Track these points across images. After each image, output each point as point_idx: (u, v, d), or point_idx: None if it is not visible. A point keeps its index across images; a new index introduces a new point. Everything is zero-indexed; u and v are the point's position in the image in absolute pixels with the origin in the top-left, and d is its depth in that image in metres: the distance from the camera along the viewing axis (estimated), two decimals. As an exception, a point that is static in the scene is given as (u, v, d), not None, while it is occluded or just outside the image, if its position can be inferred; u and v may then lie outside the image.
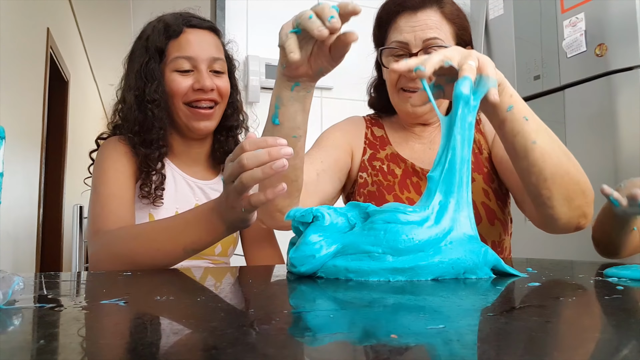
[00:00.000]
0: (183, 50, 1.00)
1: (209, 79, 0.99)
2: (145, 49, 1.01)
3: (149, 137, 0.98)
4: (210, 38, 1.04)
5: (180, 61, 0.99)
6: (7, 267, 1.93)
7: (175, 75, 1.00)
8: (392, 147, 1.03)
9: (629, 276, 0.51)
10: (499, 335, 0.30)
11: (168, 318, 0.36)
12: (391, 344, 0.27)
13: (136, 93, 0.99)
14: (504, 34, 2.22)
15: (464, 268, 0.54)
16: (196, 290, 0.55)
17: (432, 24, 0.91)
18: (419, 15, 0.92)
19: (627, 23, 1.70)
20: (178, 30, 1.00)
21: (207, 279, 0.63)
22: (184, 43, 1.00)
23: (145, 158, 0.97)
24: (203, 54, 1.00)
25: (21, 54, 2.91)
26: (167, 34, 1.00)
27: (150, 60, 1.00)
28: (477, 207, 0.93)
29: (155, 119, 0.99)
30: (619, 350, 0.26)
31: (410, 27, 0.92)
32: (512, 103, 0.70)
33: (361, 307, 0.40)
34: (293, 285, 0.53)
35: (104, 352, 0.27)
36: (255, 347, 0.27)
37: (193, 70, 1.00)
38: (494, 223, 0.94)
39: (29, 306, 0.40)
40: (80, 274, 0.76)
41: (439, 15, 0.93)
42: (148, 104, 0.98)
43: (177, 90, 0.99)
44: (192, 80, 0.99)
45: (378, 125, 1.07)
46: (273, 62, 2.41)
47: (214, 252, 1.01)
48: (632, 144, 1.68)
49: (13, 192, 2.70)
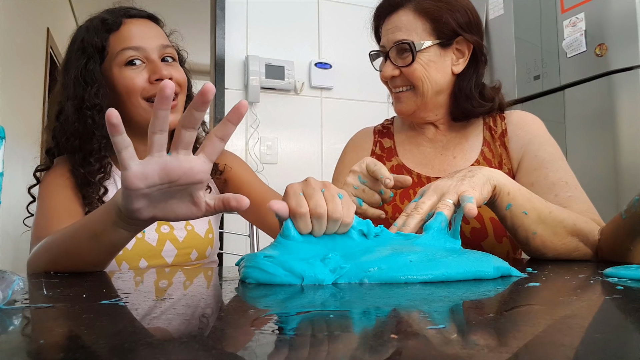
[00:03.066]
0: (128, 41, 0.90)
1: (165, 68, 0.90)
2: (82, 51, 0.91)
3: (89, 147, 0.90)
4: (153, 26, 0.95)
5: (127, 53, 0.89)
6: (7, 267, 1.93)
7: (126, 70, 0.89)
8: (398, 158, 1.04)
9: (629, 276, 0.51)
10: (499, 335, 0.30)
11: (168, 318, 0.36)
12: (391, 344, 0.27)
13: (74, 102, 0.90)
14: (504, 34, 2.22)
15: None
16: (196, 290, 0.55)
17: (402, 24, 0.94)
18: (392, 19, 0.97)
19: (627, 23, 1.70)
20: (118, 22, 0.91)
21: (208, 279, 0.63)
22: (127, 34, 0.91)
23: (86, 176, 0.89)
24: (151, 43, 0.91)
25: (21, 54, 2.91)
26: (105, 29, 0.91)
27: (89, 61, 0.90)
28: (484, 222, 0.91)
29: (96, 126, 0.90)
30: (619, 350, 0.26)
31: (385, 30, 0.98)
32: (510, 201, 0.72)
33: (361, 307, 0.40)
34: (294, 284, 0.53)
35: (104, 352, 0.27)
36: (255, 347, 0.27)
37: (144, 62, 0.90)
38: (501, 240, 0.91)
39: (29, 306, 0.40)
40: (80, 274, 0.76)
41: (410, 13, 0.94)
42: (88, 110, 0.89)
43: (133, 87, 0.89)
44: (146, 73, 0.90)
45: (388, 136, 1.09)
46: (273, 62, 2.41)
47: (190, 258, 0.97)
48: (632, 144, 1.68)
49: (13, 192, 2.70)
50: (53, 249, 0.71)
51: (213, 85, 0.50)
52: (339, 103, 2.54)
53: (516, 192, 0.73)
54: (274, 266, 0.52)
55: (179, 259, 0.96)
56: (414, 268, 0.52)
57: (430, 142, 1.03)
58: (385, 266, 0.51)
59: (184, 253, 0.96)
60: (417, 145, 1.04)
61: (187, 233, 0.97)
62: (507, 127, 0.98)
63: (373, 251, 0.55)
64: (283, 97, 2.47)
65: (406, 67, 0.94)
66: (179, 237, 0.96)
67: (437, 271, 0.52)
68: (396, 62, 0.95)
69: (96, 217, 0.66)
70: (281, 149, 2.45)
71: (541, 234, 0.74)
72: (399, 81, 0.96)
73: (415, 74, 0.93)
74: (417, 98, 0.96)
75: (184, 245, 0.96)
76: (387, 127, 1.11)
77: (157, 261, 0.93)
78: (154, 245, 0.93)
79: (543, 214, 0.74)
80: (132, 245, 0.90)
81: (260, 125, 2.41)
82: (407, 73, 0.94)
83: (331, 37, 2.58)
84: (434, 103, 0.97)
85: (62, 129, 0.92)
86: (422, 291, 0.46)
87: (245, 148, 2.39)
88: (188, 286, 0.56)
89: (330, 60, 2.54)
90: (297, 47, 2.51)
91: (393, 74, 0.96)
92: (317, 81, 2.48)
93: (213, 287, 0.56)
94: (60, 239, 0.71)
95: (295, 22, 2.53)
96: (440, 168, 1.00)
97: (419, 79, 0.94)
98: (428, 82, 0.94)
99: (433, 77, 0.94)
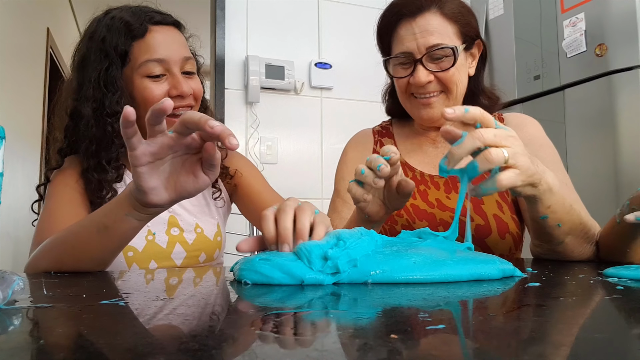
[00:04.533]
0: (153, 52, 0.88)
1: (186, 84, 0.89)
2: (104, 53, 0.88)
3: (107, 156, 0.89)
4: (177, 35, 0.93)
5: (151, 65, 0.87)
6: (7, 267, 1.93)
7: (147, 82, 0.88)
8: (400, 156, 1.03)
9: (629, 276, 0.51)
10: (499, 335, 0.30)
11: (168, 318, 0.36)
12: (391, 344, 0.27)
13: (94, 105, 0.88)
14: (504, 34, 2.22)
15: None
16: (196, 290, 0.55)
17: (433, 28, 0.90)
18: (418, 21, 0.91)
19: (627, 23, 1.70)
20: (143, 29, 0.88)
21: (208, 279, 0.63)
22: (153, 43, 0.88)
23: (99, 183, 0.88)
24: (175, 55, 0.89)
25: (21, 54, 2.91)
26: (129, 35, 0.88)
27: (111, 66, 0.88)
28: (488, 219, 0.92)
29: (116, 134, 0.88)
30: (619, 350, 0.26)
31: (411, 34, 0.91)
32: (547, 214, 0.69)
33: (361, 307, 0.40)
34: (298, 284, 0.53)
35: (104, 352, 0.27)
36: (255, 347, 0.27)
37: (165, 74, 0.89)
38: (504, 237, 0.92)
39: (29, 306, 0.40)
40: (80, 274, 0.76)
41: (439, 17, 0.91)
42: (108, 117, 0.87)
43: (153, 100, 0.87)
44: (166, 86, 0.89)
45: (388, 136, 1.08)
46: (273, 62, 2.41)
47: (199, 260, 0.98)
48: (632, 144, 1.68)
49: (13, 192, 2.70)
50: (57, 248, 0.71)
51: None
52: (339, 103, 2.54)
53: (558, 206, 0.69)
54: (272, 269, 0.52)
55: (188, 261, 0.96)
56: (417, 270, 0.51)
57: (433, 143, 1.03)
58: (388, 268, 0.51)
59: (193, 256, 0.97)
60: (419, 145, 1.04)
61: (196, 236, 0.98)
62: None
63: (378, 253, 0.55)
64: (283, 97, 2.47)
65: (443, 72, 0.91)
66: (188, 240, 0.96)
67: (440, 273, 0.51)
68: (429, 67, 0.91)
69: (106, 210, 0.67)
70: (281, 149, 2.45)
71: (568, 243, 0.74)
72: (432, 87, 0.93)
73: (453, 78, 0.92)
74: (450, 102, 0.94)
75: (193, 247, 0.97)
76: (385, 128, 1.11)
77: (167, 263, 0.94)
78: (164, 248, 0.93)
79: (574, 225, 0.73)
80: (143, 247, 0.91)
81: (260, 125, 2.41)
82: (444, 78, 0.92)
83: (331, 37, 2.57)
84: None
85: (78, 130, 0.91)
86: (422, 291, 0.46)
87: (245, 148, 2.39)
88: (188, 286, 0.56)
89: (330, 60, 2.54)
90: (297, 47, 2.51)
91: (429, 80, 0.91)
92: (317, 81, 2.48)
93: (213, 287, 0.56)
94: (66, 236, 0.71)
95: (295, 22, 2.53)
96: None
97: (455, 83, 0.92)
98: (461, 86, 0.94)
99: (463, 81, 0.95)
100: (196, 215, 1.00)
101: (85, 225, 0.69)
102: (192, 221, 0.98)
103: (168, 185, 0.61)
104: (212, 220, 1.02)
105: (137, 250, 0.90)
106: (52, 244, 0.73)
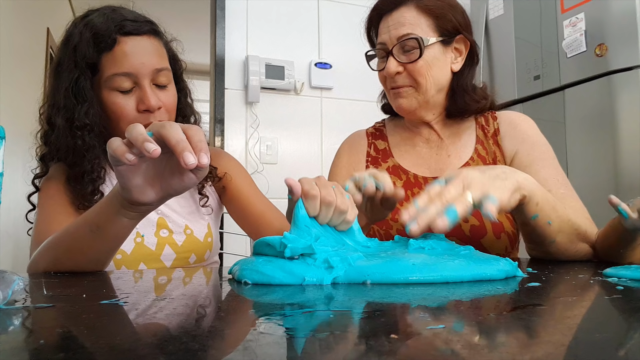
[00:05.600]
0: (120, 66, 0.85)
1: (154, 97, 0.86)
2: (74, 63, 0.86)
3: (80, 169, 0.87)
4: (149, 45, 0.88)
5: (118, 79, 0.85)
6: (7, 267, 1.93)
7: (115, 95, 0.86)
8: (394, 159, 1.03)
9: (629, 276, 0.51)
10: (499, 335, 0.30)
11: (168, 318, 0.36)
12: (391, 344, 0.27)
13: (66, 115, 0.86)
14: (504, 34, 2.22)
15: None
16: (196, 290, 0.55)
17: (406, 20, 0.93)
18: (394, 15, 0.95)
19: (627, 23, 1.70)
20: (111, 42, 0.85)
21: (208, 279, 0.63)
22: (120, 56, 0.85)
23: (78, 195, 0.88)
24: (144, 68, 0.86)
25: (21, 54, 2.91)
26: (97, 46, 0.85)
27: (80, 76, 0.86)
28: (483, 220, 0.92)
29: (86, 147, 0.86)
30: (619, 350, 0.26)
31: (386, 27, 0.95)
32: (537, 212, 0.71)
33: (361, 307, 0.40)
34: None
35: (104, 352, 0.27)
36: (254, 347, 0.27)
37: (134, 86, 0.87)
38: (499, 236, 0.92)
39: (29, 306, 0.40)
40: (80, 274, 0.76)
41: (413, 9, 0.93)
42: (77, 130, 0.86)
43: (121, 114, 0.86)
44: (134, 101, 0.86)
45: (382, 138, 1.08)
46: (273, 62, 2.41)
47: (189, 262, 0.97)
48: (632, 144, 1.68)
49: (13, 192, 2.70)
50: (54, 248, 0.72)
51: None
52: (338, 103, 2.54)
53: (544, 203, 0.71)
54: (272, 268, 0.52)
55: (178, 262, 0.96)
56: (417, 270, 0.51)
57: (426, 142, 1.03)
58: (386, 270, 0.51)
59: (183, 257, 0.96)
60: (412, 145, 1.04)
61: (186, 237, 0.97)
62: (500, 126, 0.99)
63: (375, 256, 0.55)
64: (283, 97, 2.47)
65: (411, 64, 0.92)
66: (178, 242, 0.96)
67: (441, 274, 0.51)
68: (400, 59, 0.93)
69: (97, 209, 0.67)
70: (281, 149, 2.45)
71: (559, 241, 0.75)
72: (401, 79, 0.95)
73: (421, 70, 0.93)
74: (420, 96, 0.95)
75: (183, 249, 0.96)
76: (379, 129, 1.11)
77: (156, 265, 0.93)
78: (153, 250, 0.93)
79: (563, 222, 0.74)
80: (132, 250, 0.90)
81: (260, 125, 2.41)
82: (412, 70, 0.93)
83: (331, 37, 2.58)
84: (434, 101, 0.97)
85: (54, 138, 0.89)
86: (422, 291, 0.46)
87: (245, 148, 2.39)
88: (188, 286, 0.56)
89: (330, 60, 2.54)
90: (297, 47, 2.51)
91: (397, 70, 0.94)
92: (317, 81, 2.48)
93: (213, 287, 0.56)
94: (62, 237, 0.71)
95: (295, 22, 2.53)
96: (436, 167, 1.00)
97: (423, 76, 0.93)
98: (431, 80, 0.94)
99: (435, 75, 0.94)
100: (185, 217, 0.99)
101: (79, 226, 0.69)
102: (181, 222, 0.98)
103: (154, 183, 0.60)
104: (203, 221, 1.01)
105: (125, 253, 0.90)
106: (49, 244, 0.73)
